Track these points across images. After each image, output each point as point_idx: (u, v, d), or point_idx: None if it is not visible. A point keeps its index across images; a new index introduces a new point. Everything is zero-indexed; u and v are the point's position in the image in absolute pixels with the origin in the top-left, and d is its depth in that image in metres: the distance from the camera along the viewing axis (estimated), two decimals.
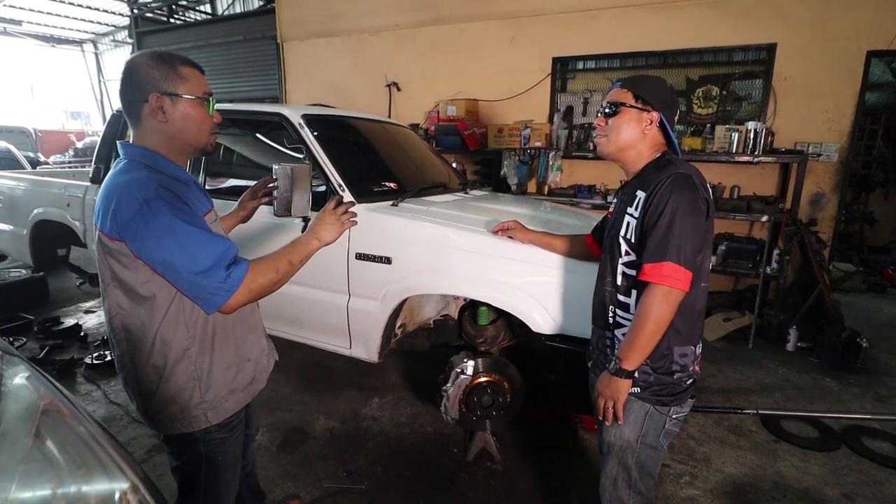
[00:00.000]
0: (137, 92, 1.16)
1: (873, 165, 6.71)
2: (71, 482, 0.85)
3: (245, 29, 7.77)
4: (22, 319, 4.00)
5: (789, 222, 4.03)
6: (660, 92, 1.36)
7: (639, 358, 1.30)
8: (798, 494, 2.27)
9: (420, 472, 2.38)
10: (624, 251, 1.38)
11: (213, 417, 1.28)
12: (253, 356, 1.41)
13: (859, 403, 3.12)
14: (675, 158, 1.37)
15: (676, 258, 1.23)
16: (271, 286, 1.19)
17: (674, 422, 1.40)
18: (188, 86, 1.19)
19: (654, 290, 1.25)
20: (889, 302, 5.16)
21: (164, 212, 1.08)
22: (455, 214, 2.38)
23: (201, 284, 1.10)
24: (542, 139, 4.80)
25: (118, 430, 2.67)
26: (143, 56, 1.17)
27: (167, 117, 1.17)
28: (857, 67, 4.06)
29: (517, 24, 5.29)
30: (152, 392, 1.23)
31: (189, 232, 1.09)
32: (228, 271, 1.11)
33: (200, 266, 1.09)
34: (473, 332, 2.38)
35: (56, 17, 15.86)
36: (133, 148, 1.20)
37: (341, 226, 1.35)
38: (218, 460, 1.34)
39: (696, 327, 1.37)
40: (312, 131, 2.53)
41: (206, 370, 1.26)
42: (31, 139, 13.94)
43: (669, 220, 1.24)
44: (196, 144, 1.25)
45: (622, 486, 1.46)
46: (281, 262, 1.21)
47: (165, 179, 1.15)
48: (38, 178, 4.18)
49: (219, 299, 1.11)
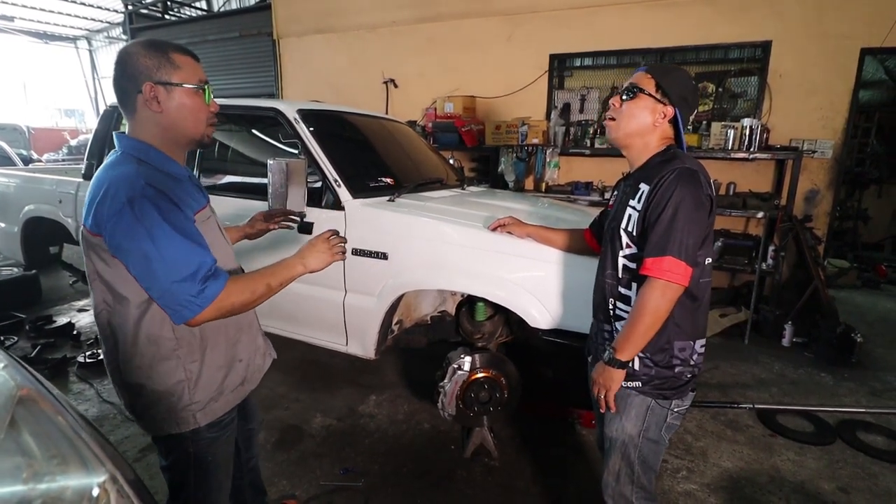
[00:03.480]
0: (131, 82, 1.12)
1: (867, 163, 6.76)
2: (46, 473, 0.83)
3: (241, 25, 7.71)
4: (13, 318, 3.96)
5: (785, 219, 4.04)
6: (682, 87, 1.33)
7: (633, 350, 1.30)
8: (794, 488, 2.28)
9: (417, 470, 2.37)
10: (625, 243, 1.36)
11: (201, 419, 1.25)
12: (245, 356, 1.37)
13: (854, 398, 3.13)
14: (680, 153, 1.35)
15: (678, 253, 1.22)
16: (242, 307, 1.16)
17: (675, 415, 1.39)
18: (182, 74, 1.15)
19: (653, 284, 1.25)
20: (883, 298, 5.19)
21: (145, 213, 1.04)
22: (452, 210, 2.37)
23: (173, 294, 1.06)
24: (539, 136, 4.80)
25: (111, 428, 2.65)
26: (136, 45, 1.14)
27: (162, 107, 1.14)
28: (852, 65, 4.08)
29: (514, 20, 5.29)
30: (138, 391, 1.21)
31: (169, 237, 1.05)
32: (204, 285, 1.07)
33: (175, 276, 1.05)
34: (471, 328, 2.37)
35: (49, 14, 15.72)
36: (127, 140, 1.16)
37: (331, 256, 1.34)
38: (207, 461, 1.31)
39: (697, 322, 1.36)
40: (308, 126, 2.51)
41: (196, 372, 1.22)
42: (24, 137, 13.84)
43: (672, 215, 1.23)
44: (193, 135, 1.21)
45: (625, 480, 1.45)
46: (259, 284, 1.18)
47: (155, 175, 1.11)
48: (30, 174, 4.13)
49: (187, 312, 1.07)
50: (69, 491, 0.82)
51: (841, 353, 3.55)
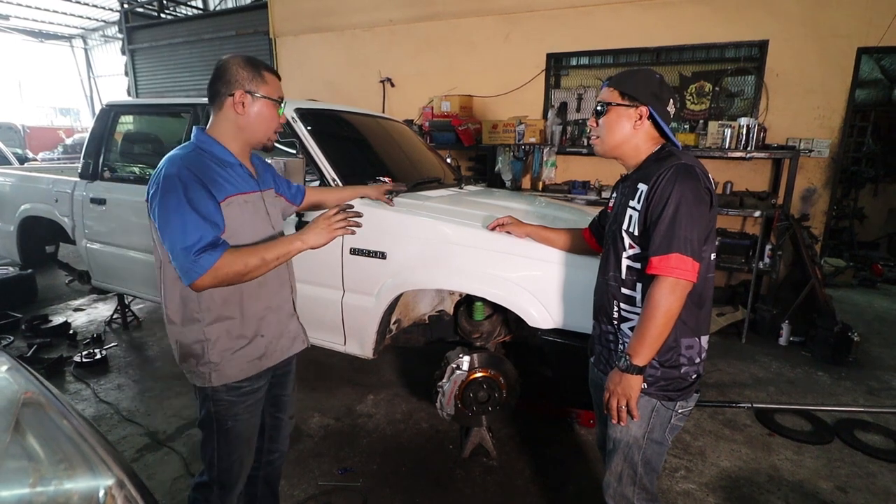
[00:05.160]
0: (226, 86, 1.36)
1: (863, 162, 6.78)
2: (52, 477, 0.82)
3: (237, 24, 7.69)
4: (9, 317, 3.94)
5: (781, 217, 4.05)
6: (646, 85, 1.34)
7: (649, 352, 1.28)
8: (792, 487, 2.29)
9: (416, 469, 2.36)
10: (627, 244, 1.36)
11: (215, 379, 1.40)
12: (269, 334, 1.50)
13: (851, 396, 3.14)
14: (675, 150, 1.36)
15: (683, 249, 1.22)
16: (237, 277, 1.30)
17: (679, 416, 1.39)
18: (268, 88, 1.39)
19: (662, 283, 1.24)
20: (879, 297, 5.21)
21: (172, 188, 1.25)
22: (450, 209, 2.36)
23: (178, 259, 1.25)
24: (536, 135, 4.80)
25: (108, 428, 2.64)
26: (237, 58, 1.38)
27: (245, 111, 1.37)
28: (848, 64, 4.09)
29: (512, 19, 5.28)
30: (176, 343, 1.43)
31: (181, 211, 1.24)
32: (199, 255, 1.23)
33: (180, 243, 1.23)
34: (469, 328, 2.37)
35: (45, 12, 15.64)
36: (200, 133, 1.39)
37: (331, 232, 1.42)
38: (227, 425, 1.45)
39: (702, 319, 1.36)
40: (306, 126, 2.50)
41: (214, 335, 1.38)
42: (20, 136, 13.75)
43: (674, 211, 1.23)
44: (261, 139, 1.42)
45: (627, 482, 1.45)
46: (252, 257, 1.31)
47: (203, 160, 1.33)
48: (26, 173, 4.11)
49: (188, 276, 1.25)
50: (76, 496, 0.82)
51: (838, 352, 3.56)
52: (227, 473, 1.50)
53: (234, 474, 1.52)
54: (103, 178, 3.23)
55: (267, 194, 1.53)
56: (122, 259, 3.17)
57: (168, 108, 3.27)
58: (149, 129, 3.50)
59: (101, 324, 4.08)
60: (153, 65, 8.98)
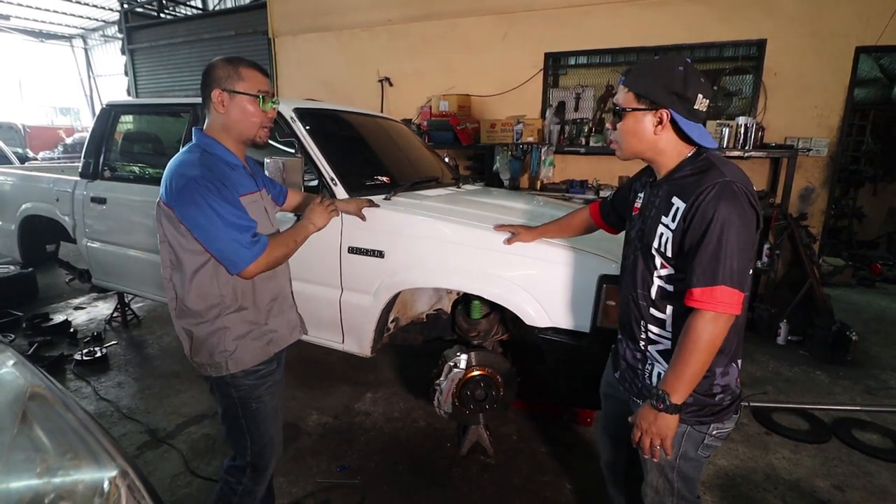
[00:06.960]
0: (207, 88, 1.41)
1: (862, 161, 6.78)
2: (58, 468, 0.84)
3: (236, 24, 7.70)
4: (10, 316, 3.96)
5: (780, 217, 4.06)
6: (666, 82, 1.17)
7: (688, 389, 1.18)
8: (789, 486, 2.29)
9: (413, 467, 2.37)
10: (659, 264, 1.25)
11: (232, 366, 1.46)
12: (274, 323, 1.59)
13: (849, 396, 3.15)
14: (715, 158, 1.20)
15: (730, 281, 1.10)
16: (283, 258, 1.48)
17: (713, 437, 1.30)
18: (244, 84, 1.40)
19: (705, 317, 1.13)
20: (878, 296, 5.21)
21: (204, 188, 1.31)
22: (448, 208, 2.37)
23: (232, 247, 1.33)
24: (534, 134, 4.81)
25: (108, 426, 2.64)
26: (218, 59, 1.42)
27: (226, 109, 1.40)
28: (846, 63, 4.10)
29: (510, 19, 5.29)
30: (189, 336, 1.47)
31: (223, 206, 1.32)
32: (256, 239, 1.36)
33: (232, 234, 1.32)
34: (466, 326, 2.38)
35: (45, 12, 15.65)
36: (199, 134, 1.44)
37: (330, 214, 1.67)
38: (252, 406, 1.53)
39: (736, 343, 1.26)
40: (304, 125, 2.50)
41: (230, 325, 1.45)
42: (20, 135, 13.75)
43: (718, 238, 1.10)
44: (248, 135, 1.45)
45: (665, 493, 1.38)
46: (290, 241, 1.50)
47: (214, 161, 1.38)
48: (27, 172, 4.12)
49: (242, 263, 1.35)
50: (81, 485, 0.85)
51: (836, 352, 3.56)
52: (260, 456, 1.57)
53: (268, 455, 1.59)
54: (104, 177, 3.25)
55: (263, 193, 1.60)
56: (123, 258, 3.18)
57: (168, 108, 3.28)
58: (149, 129, 3.51)
59: (101, 322, 4.09)
60: (153, 65, 8.99)
